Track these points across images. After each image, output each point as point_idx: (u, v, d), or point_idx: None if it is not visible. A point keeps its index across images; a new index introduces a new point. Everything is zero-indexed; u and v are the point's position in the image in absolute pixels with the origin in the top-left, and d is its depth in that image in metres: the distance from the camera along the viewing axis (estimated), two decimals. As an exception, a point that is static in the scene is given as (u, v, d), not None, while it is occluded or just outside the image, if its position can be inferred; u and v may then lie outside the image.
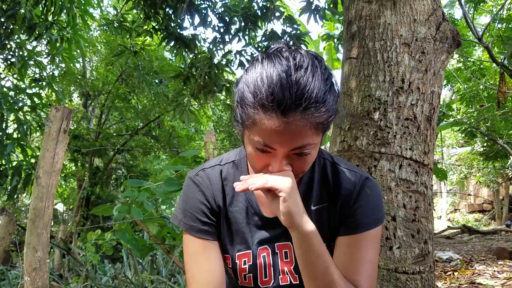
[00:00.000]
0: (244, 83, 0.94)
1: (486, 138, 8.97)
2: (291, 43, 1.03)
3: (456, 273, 4.81)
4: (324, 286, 0.99)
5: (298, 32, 5.64)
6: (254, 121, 0.92)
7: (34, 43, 7.86)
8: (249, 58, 5.78)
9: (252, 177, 0.99)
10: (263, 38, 5.68)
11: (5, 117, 5.24)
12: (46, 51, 7.86)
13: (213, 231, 1.15)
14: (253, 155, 0.99)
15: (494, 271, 4.80)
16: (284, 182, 0.95)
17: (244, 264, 1.16)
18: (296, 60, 0.90)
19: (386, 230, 1.86)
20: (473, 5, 6.46)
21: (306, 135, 0.91)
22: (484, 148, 10.36)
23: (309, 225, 0.98)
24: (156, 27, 5.55)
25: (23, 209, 11.05)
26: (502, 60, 4.84)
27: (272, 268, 1.16)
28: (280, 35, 5.56)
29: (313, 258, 0.99)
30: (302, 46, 1.00)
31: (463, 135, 9.82)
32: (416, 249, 1.87)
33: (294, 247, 1.03)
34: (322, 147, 1.18)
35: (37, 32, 5.80)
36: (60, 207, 12.25)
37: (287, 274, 1.16)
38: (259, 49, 5.74)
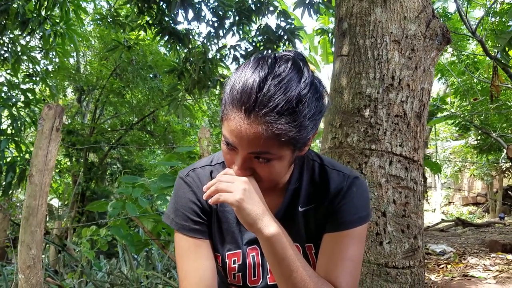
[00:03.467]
0: (230, 79, 0.98)
1: (479, 132, 9.02)
2: (292, 51, 1.03)
3: (449, 266, 4.85)
4: (292, 287, 1.01)
5: (293, 26, 5.63)
6: (225, 116, 0.96)
7: (28, 38, 7.81)
8: (243, 52, 5.77)
9: (211, 187, 1.02)
10: (257, 33, 5.67)
11: (-2, 113, 5.23)
12: (40, 46, 7.82)
13: (205, 230, 1.16)
14: (223, 149, 1.03)
15: (487, 263, 4.85)
16: (233, 196, 0.98)
17: (234, 263, 1.17)
18: (279, 69, 0.92)
19: (377, 225, 1.89)
20: (466, -1, 6.48)
21: (263, 142, 0.92)
22: (478, 141, 10.41)
23: (270, 229, 0.99)
24: (150, 21, 5.52)
25: (18, 204, 11.04)
26: (496, 54, 4.87)
27: (260, 268, 1.18)
28: (274, 29, 5.55)
29: (277, 260, 1.00)
30: (300, 55, 0.99)
31: (457, 129, 9.87)
32: (406, 244, 1.89)
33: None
34: (313, 144, 1.20)
35: (30, 27, 5.75)
36: (55, 202, 12.24)
37: None
38: (253, 43, 5.73)
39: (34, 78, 7.44)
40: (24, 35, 6.15)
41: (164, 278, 3.66)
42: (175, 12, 5.32)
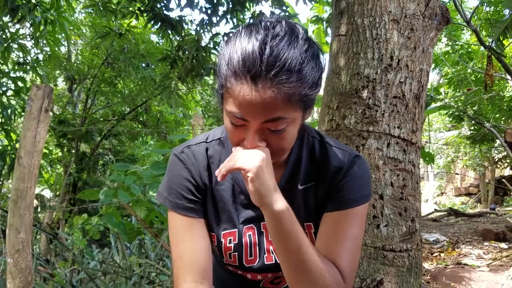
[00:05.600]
0: (222, 54, 0.93)
1: (473, 122, 9.05)
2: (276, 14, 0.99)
3: (442, 254, 4.88)
4: (297, 265, 0.97)
5: (287, 14, 5.57)
6: (227, 90, 0.91)
7: (17, 26, 7.68)
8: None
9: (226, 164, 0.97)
10: (251, 20, 5.60)
11: (-12, 101, 5.15)
12: (30, 34, 7.71)
13: (199, 209, 1.12)
14: (229, 128, 0.97)
15: (480, 252, 4.87)
16: (251, 162, 0.92)
17: (230, 242, 1.14)
18: (274, 30, 0.88)
19: (374, 208, 1.86)
20: (461, -12, 6.43)
21: (278, 106, 0.88)
22: (471, 131, 10.45)
23: (280, 204, 0.96)
24: (142, 8, 5.43)
25: (9, 196, 10.91)
26: (490, 43, 4.84)
27: (257, 247, 1.15)
28: (269, 17, 5.48)
29: (284, 236, 0.97)
30: (286, 18, 0.97)
31: (450, 119, 9.89)
32: (403, 227, 1.87)
33: (267, 225, 1.00)
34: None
35: (20, 14, 5.64)
36: (47, 193, 12.14)
37: (272, 253, 1.15)
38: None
39: (24, 67, 7.34)
40: (14, 22, 6.02)
41: (158, 266, 3.62)
42: (167, -1, 5.25)
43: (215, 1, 5.42)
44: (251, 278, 1.21)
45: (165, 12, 5.42)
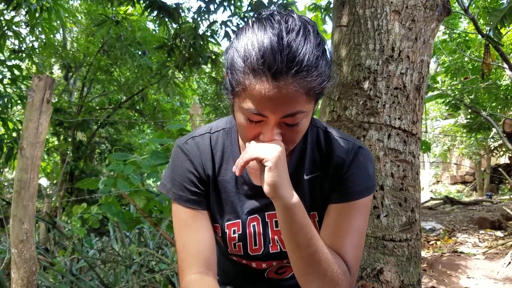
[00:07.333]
0: (234, 48, 0.91)
1: (469, 110, 9.06)
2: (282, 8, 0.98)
3: (438, 242, 4.92)
4: (307, 257, 0.98)
5: (285, 1, 5.54)
6: (244, 87, 0.89)
7: (13, 13, 7.61)
8: (234, 28, 5.66)
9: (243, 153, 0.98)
10: (249, 8, 5.57)
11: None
12: (26, 21, 7.64)
13: (202, 201, 1.14)
14: (244, 124, 0.96)
15: (476, 240, 4.92)
16: (270, 152, 0.93)
17: (234, 233, 1.16)
18: (287, 24, 0.87)
19: (374, 199, 1.88)
20: (460, -24, 6.40)
21: (297, 101, 0.88)
22: (468, 120, 10.47)
23: (293, 197, 0.96)
24: (138, -5, 5.38)
25: (6, 184, 10.90)
26: (488, 32, 4.83)
27: (262, 237, 1.16)
28: (266, 4, 5.44)
29: (296, 229, 0.97)
30: (294, 11, 0.97)
31: (447, 108, 9.90)
32: (403, 217, 1.89)
33: (277, 217, 1.01)
34: None
35: (15, 1, 5.58)
36: (44, 182, 12.12)
37: (277, 242, 1.16)
38: (245, 19, 5.62)
39: (20, 55, 7.27)
40: (9, 9, 5.95)
41: (157, 255, 3.64)
42: (164, -14, 5.19)
43: (212, -11, 5.38)
44: (256, 267, 1.22)
45: (162, -1, 5.37)
